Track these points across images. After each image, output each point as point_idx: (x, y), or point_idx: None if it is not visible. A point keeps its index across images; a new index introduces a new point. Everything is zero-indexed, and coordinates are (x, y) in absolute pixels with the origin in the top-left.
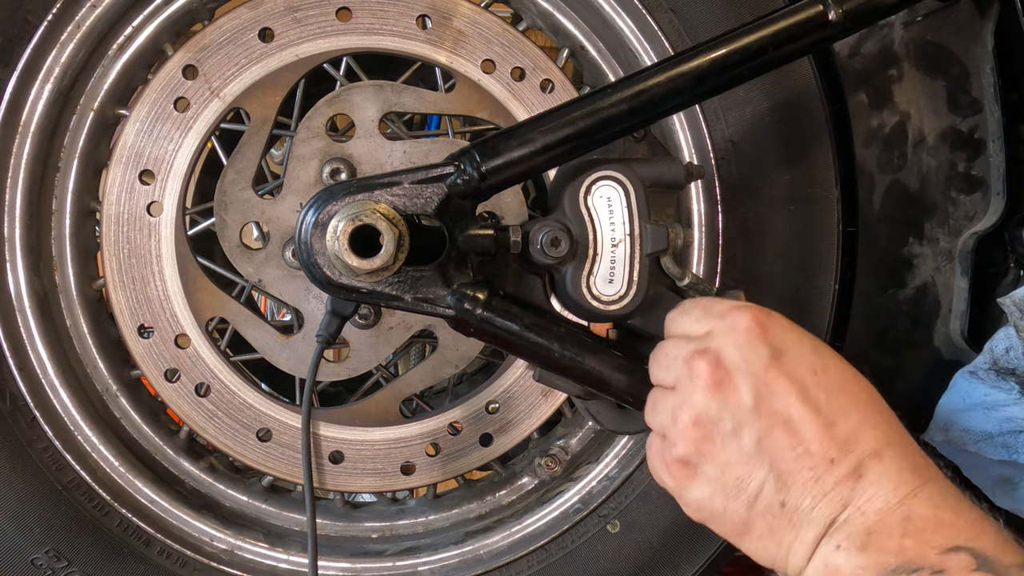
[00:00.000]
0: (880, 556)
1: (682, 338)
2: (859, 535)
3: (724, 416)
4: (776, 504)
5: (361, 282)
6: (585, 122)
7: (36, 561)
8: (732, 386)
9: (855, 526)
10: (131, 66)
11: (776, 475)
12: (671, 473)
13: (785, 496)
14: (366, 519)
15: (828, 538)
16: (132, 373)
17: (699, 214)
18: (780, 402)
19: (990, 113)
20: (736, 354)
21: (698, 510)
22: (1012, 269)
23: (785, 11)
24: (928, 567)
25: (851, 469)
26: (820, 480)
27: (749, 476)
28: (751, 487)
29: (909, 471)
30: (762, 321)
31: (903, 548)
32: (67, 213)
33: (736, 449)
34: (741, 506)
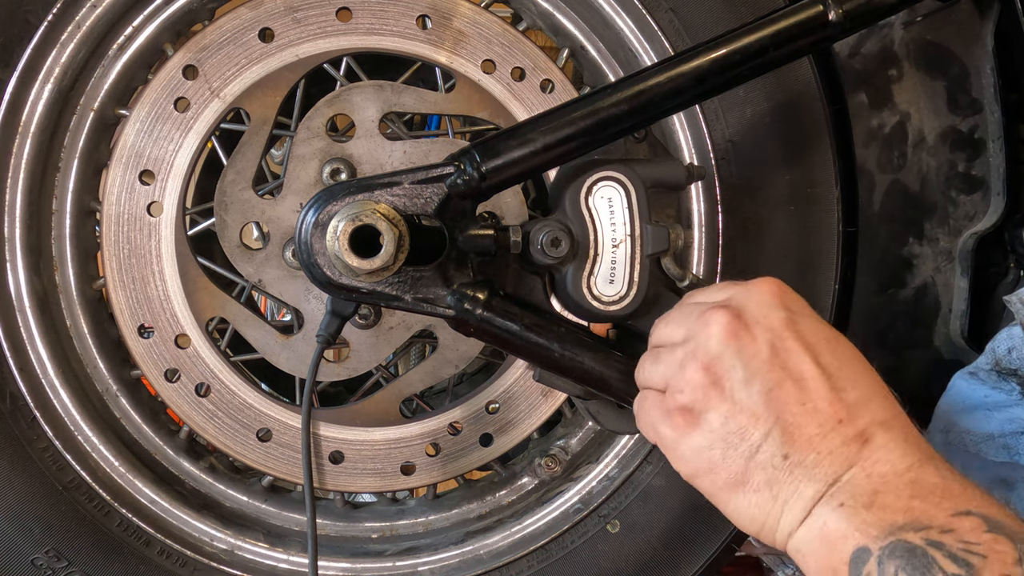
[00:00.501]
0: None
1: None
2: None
3: (737, 364)
4: (778, 456)
5: (361, 282)
6: (585, 122)
7: (36, 561)
8: (750, 336)
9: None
10: (131, 66)
11: (782, 428)
12: (672, 422)
13: (789, 449)
14: (366, 519)
15: (829, 496)
16: (132, 373)
17: (699, 214)
18: (794, 359)
19: (990, 113)
20: (757, 309)
21: (693, 461)
22: (1012, 269)
23: (785, 11)
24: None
25: (858, 432)
26: (827, 437)
27: (754, 426)
28: (754, 437)
29: (915, 444)
30: (782, 288)
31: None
32: (67, 213)
33: (745, 397)
34: (741, 456)
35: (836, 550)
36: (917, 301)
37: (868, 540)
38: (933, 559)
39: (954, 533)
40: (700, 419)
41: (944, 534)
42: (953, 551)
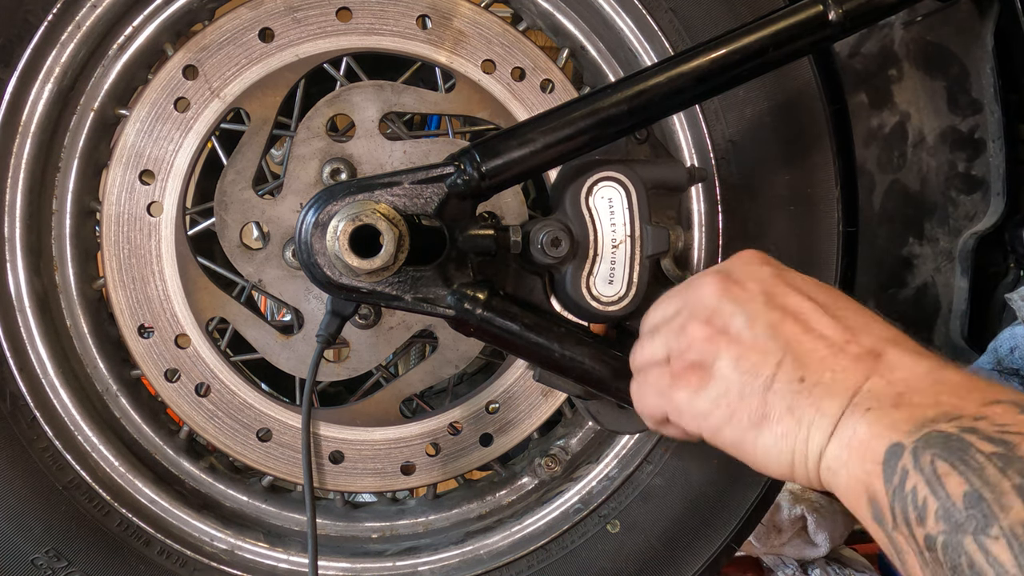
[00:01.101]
0: (916, 410)
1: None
2: (889, 397)
3: (736, 310)
4: (795, 380)
5: (361, 282)
6: (585, 122)
7: (36, 561)
8: (742, 288)
9: (883, 391)
10: (131, 66)
11: (793, 355)
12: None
13: (804, 372)
14: (366, 519)
15: (853, 406)
16: (132, 373)
17: (699, 214)
18: (790, 299)
19: (990, 113)
20: (743, 268)
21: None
22: (1012, 269)
23: (785, 11)
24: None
25: (868, 349)
26: (838, 356)
27: (765, 360)
28: (767, 370)
29: (928, 354)
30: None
31: (939, 402)
32: (67, 213)
33: (751, 336)
34: (758, 390)
35: (869, 453)
36: (917, 301)
37: (900, 436)
38: (969, 443)
39: (987, 419)
40: (712, 369)
41: (977, 421)
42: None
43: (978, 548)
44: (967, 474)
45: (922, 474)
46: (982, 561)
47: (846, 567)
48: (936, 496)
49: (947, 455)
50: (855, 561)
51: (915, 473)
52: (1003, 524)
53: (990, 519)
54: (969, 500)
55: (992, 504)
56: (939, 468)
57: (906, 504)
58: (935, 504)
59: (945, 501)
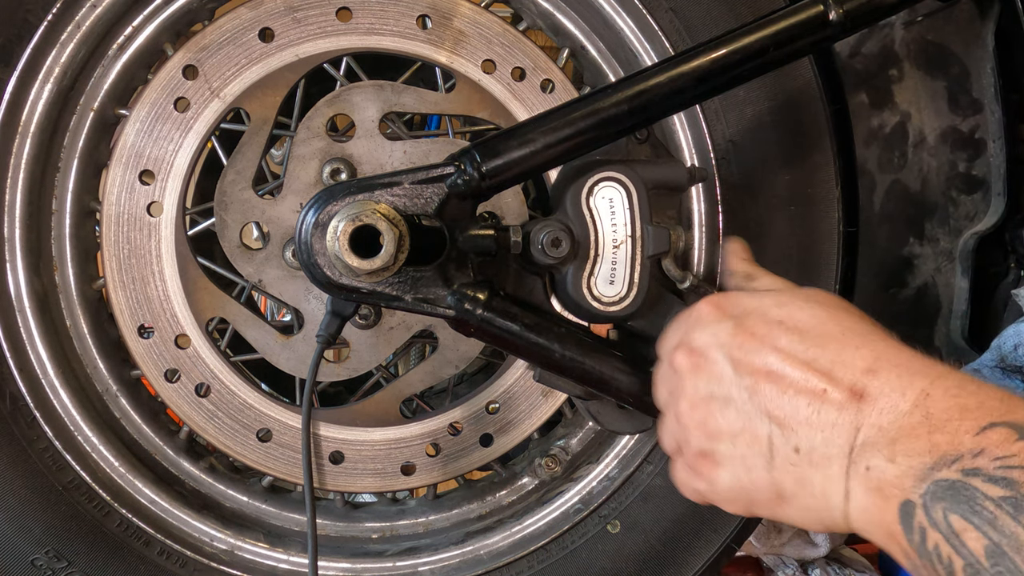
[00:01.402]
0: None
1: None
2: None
3: (712, 389)
4: (791, 452)
5: (361, 282)
6: (585, 122)
7: (36, 561)
8: (708, 361)
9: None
10: (131, 66)
11: (778, 424)
12: (699, 473)
13: (796, 441)
14: (366, 519)
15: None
16: (132, 373)
17: (699, 214)
18: (756, 358)
19: (990, 113)
20: (702, 335)
21: (737, 497)
22: (1012, 269)
23: (785, 11)
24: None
25: (848, 392)
26: (821, 412)
27: (756, 438)
28: (762, 448)
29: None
30: (717, 302)
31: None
32: (67, 213)
33: (735, 414)
34: (762, 470)
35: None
36: (918, 301)
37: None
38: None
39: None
40: (716, 455)
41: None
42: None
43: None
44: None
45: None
46: None
47: (846, 567)
48: (960, 554)
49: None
50: (855, 561)
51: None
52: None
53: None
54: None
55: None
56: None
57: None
58: (961, 562)
59: (970, 558)
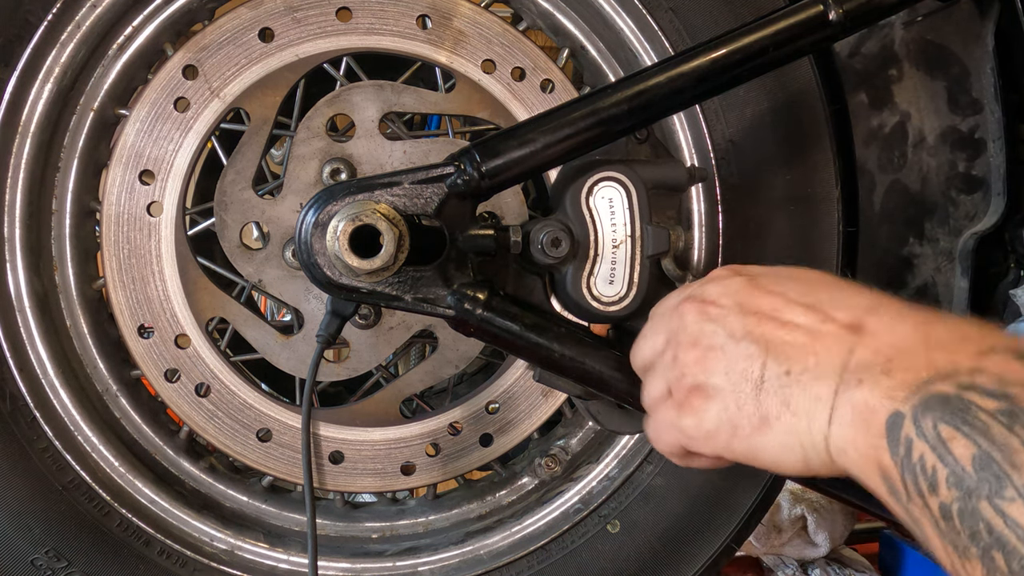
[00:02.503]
0: (908, 374)
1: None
2: (878, 365)
3: (717, 328)
4: (782, 374)
5: (361, 282)
6: (585, 122)
7: (36, 561)
8: (718, 307)
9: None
10: (131, 66)
11: (774, 351)
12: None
13: (788, 364)
14: (366, 519)
15: (844, 384)
16: (132, 373)
17: (699, 214)
18: (762, 301)
19: (990, 113)
20: (715, 287)
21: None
22: (1012, 269)
23: (785, 11)
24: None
25: (847, 324)
26: (818, 338)
27: (750, 363)
28: (754, 372)
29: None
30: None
31: (931, 360)
32: (67, 213)
33: (733, 348)
34: (750, 394)
35: (870, 427)
36: (918, 301)
37: (898, 404)
38: (969, 401)
39: (984, 372)
40: (709, 388)
41: (975, 375)
42: (988, 388)
43: (995, 512)
44: (973, 436)
45: (927, 441)
46: (1000, 525)
47: (846, 567)
48: (944, 463)
49: (949, 418)
50: (855, 561)
51: (920, 441)
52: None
53: (1003, 480)
54: (979, 463)
55: (1003, 464)
56: (943, 433)
57: (916, 474)
58: (945, 471)
59: (955, 467)
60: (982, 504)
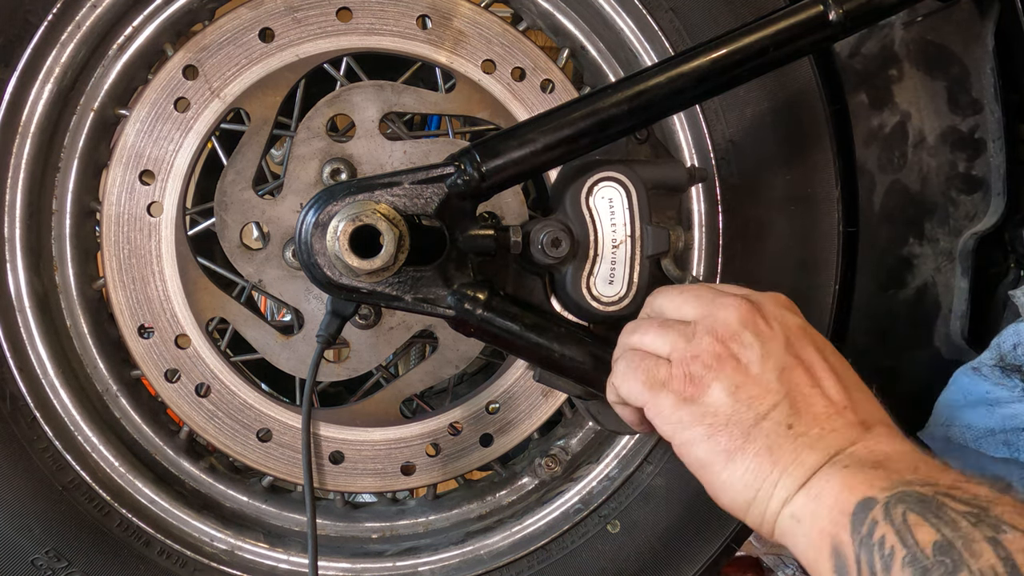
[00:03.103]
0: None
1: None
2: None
3: (755, 343)
4: (783, 424)
5: (361, 282)
6: (585, 122)
7: (36, 561)
8: (768, 325)
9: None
10: (131, 66)
11: (791, 401)
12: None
13: (794, 420)
14: (366, 519)
15: (832, 463)
16: (132, 373)
17: (699, 214)
18: (807, 352)
19: (990, 113)
20: (774, 308)
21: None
22: (1012, 269)
23: (785, 11)
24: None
25: (861, 421)
26: (831, 417)
27: (764, 397)
28: (763, 407)
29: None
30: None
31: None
32: (67, 213)
33: (759, 372)
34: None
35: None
36: (917, 301)
37: (874, 491)
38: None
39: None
40: (708, 387)
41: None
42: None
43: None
44: (939, 526)
45: (892, 524)
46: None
47: None
48: (904, 544)
49: (920, 509)
50: None
51: (884, 524)
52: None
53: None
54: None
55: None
56: (910, 519)
57: (872, 554)
58: (903, 552)
59: (913, 548)
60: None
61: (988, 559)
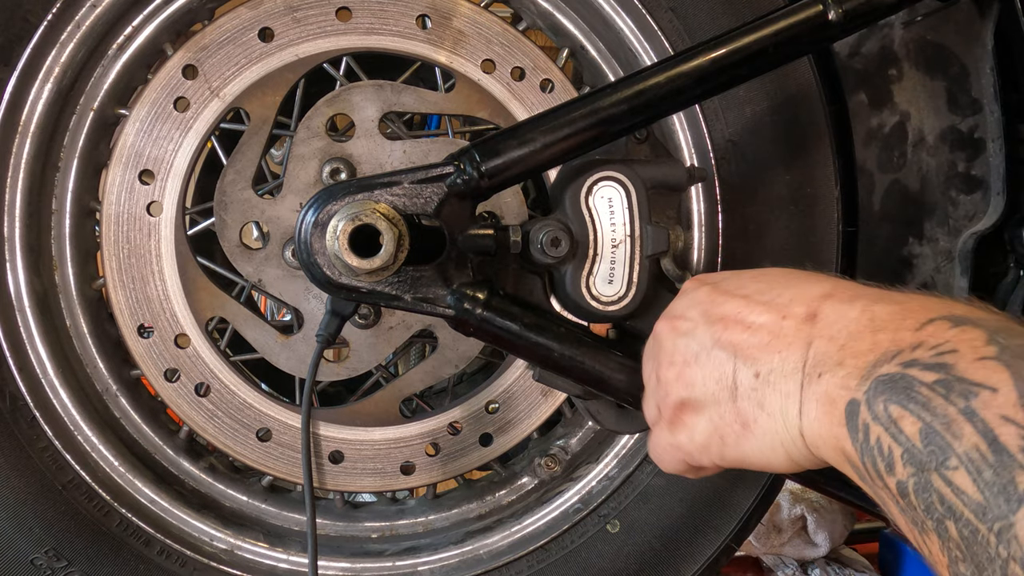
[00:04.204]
0: (857, 360)
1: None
2: (832, 355)
3: (688, 342)
4: (752, 378)
5: (361, 282)
6: (585, 122)
7: (36, 561)
8: (685, 320)
9: (826, 351)
10: (131, 66)
11: (742, 356)
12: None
13: (756, 366)
14: (366, 519)
15: (808, 378)
16: (132, 373)
17: (699, 214)
18: (725, 307)
19: (990, 113)
20: (683, 301)
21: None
22: (1012, 269)
23: (785, 11)
24: (906, 347)
25: (803, 317)
26: (778, 336)
27: (722, 370)
28: (728, 379)
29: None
30: (699, 276)
31: (876, 343)
32: (67, 213)
33: (706, 358)
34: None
35: (833, 418)
36: None
37: (852, 391)
38: (911, 377)
39: (923, 344)
40: (694, 402)
41: (915, 350)
42: (926, 360)
43: (943, 482)
44: (917, 411)
45: (880, 423)
46: (949, 494)
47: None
48: (898, 441)
49: (896, 397)
50: (855, 561)
51: (875, 424)
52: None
53: (947, 450)
54: (925, 436)
55: (945, 434)
56: (893, 412)
57: (874, 457)
58: (900, 450)
59: (907, 444)
60: (933, 476)
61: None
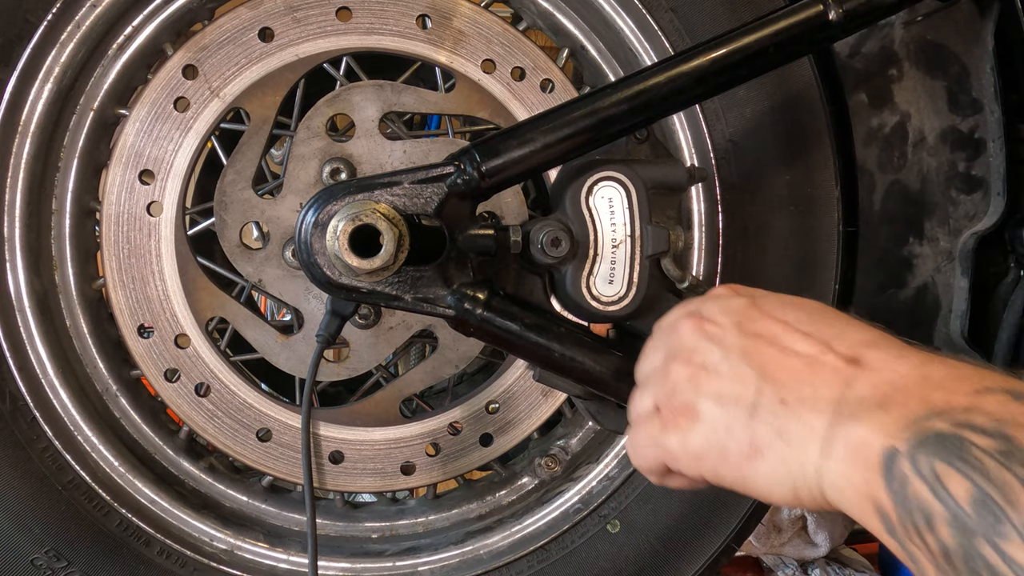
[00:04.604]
0: (904, 410)
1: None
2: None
3: (712, 347)
4: (776, 402)
5: (361, 282)
6: (585, 122)
7: (36, 561)
8: (715, 324)
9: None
10: (131, 66)
11: (771, 378)
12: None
13: (784, 393)
14: (366, 519)
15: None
16: (132, 373)
17: (699, 214)
18: (761, 325)
19: (990, 113)
20: (716, 304)
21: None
22: (1012, 269)
23: (785, 11)
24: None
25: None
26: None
27: (744, 388)
28: (748, 397)
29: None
30: (736, 286)
31: (927, 398)
32: (67, 213)
33: (727, 369)
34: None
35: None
36: (917, 301)
37: (893, 439)
38: (965, 439)
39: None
40: (698, 408)
41: (970, 413)
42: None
43: (994, 551)
44: (969, 474)
45: (923, 479)
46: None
47: (846, 567)
48: (942, 501)
49: (945, 455)
50: (855, 561)
51: (915, 478)
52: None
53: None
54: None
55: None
56: (939, 470)
57: (912, 512)
58: (943, 511)
59: (952, 506)
60: (981, 544)
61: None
